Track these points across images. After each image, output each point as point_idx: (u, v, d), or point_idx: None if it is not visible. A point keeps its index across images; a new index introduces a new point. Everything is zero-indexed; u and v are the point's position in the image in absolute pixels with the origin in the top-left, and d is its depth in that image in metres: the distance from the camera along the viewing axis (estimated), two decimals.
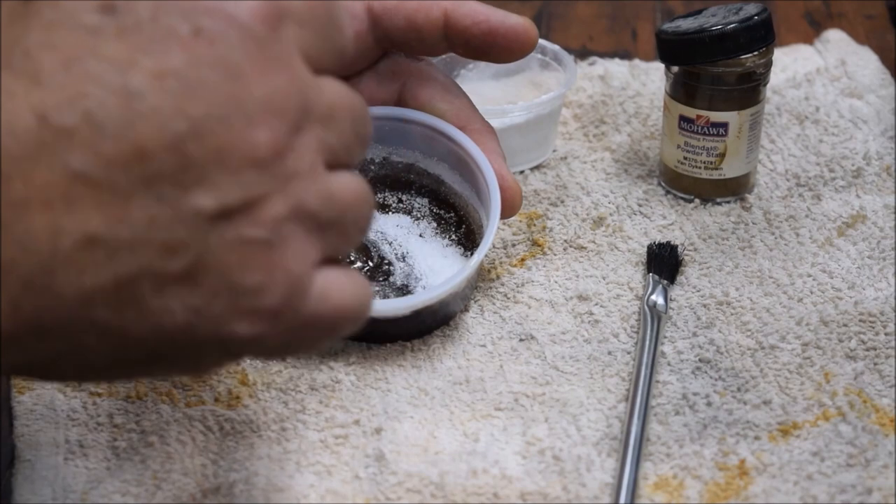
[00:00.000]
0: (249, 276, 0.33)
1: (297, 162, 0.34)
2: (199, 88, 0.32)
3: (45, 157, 0.30)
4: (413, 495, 0.48)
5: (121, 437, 0.51)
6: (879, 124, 0.71)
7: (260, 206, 0.33)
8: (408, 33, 0.53)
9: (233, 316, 0.33)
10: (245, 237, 0.33)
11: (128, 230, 0.31)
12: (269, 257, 0.33)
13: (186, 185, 0.32)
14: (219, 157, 0.32)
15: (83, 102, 0.31)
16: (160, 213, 0.31)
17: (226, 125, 0.32)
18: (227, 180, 0.32)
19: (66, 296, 0.31)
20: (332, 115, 0.35)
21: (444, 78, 0.57)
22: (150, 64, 0.32)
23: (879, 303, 0.57)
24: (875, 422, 0.51)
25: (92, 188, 0.31)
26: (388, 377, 0.54)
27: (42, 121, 0.31)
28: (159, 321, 0.33)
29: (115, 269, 0.31)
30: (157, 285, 0.32)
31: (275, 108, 0.33)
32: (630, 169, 0.68)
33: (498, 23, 0.54)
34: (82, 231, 0.31)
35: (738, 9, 0.63)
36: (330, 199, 0.35)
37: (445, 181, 0.59)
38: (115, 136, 0.31)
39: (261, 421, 0.52)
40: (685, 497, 0.48)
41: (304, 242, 0.34)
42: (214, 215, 0.32)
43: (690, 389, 0.53)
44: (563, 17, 0.87)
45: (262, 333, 0.34)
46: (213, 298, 0.33)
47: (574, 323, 0.57)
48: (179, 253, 0.32)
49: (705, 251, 0.62)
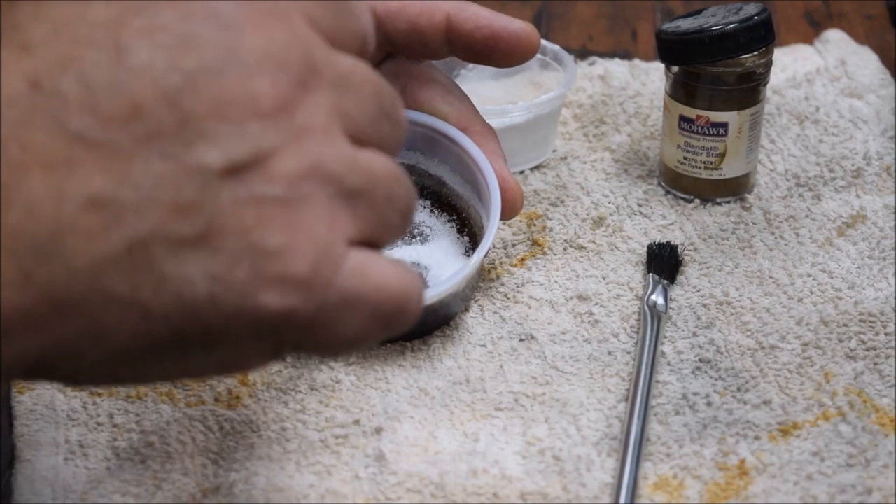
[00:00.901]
0: (270, 237, 0.31)
1: (308, 118, 0.32)
2: (191, 41, 0.31)
3: (41, 120, 0.30)
4: (413, 495, 0.48)
5: (121, 436, 0.51)
6: (879, 124, 0.71)
7: (271, 160, 0.32)
8: (410, 37, 0.53)
9: (258, 283, 0.32)
10: (259, 194, 0.31)
11: (133, 190, 0.30)
12: (290, 217, 0.32)
13: (189, 140, 0.31)
14: (218, 109, 0.31)
15: (75, 64, 0.30)
16: (165, 171, 0.30)
17: (221, 76, 0.31)
18: (231, 133, 0.31)
19: (77, 264, 0.30)
20: (349, 83, 0.34)
21: (445, 79, 0.57)
22: (139, 22, 0.31)
23: (879, 303, 0.57)
24: (875, 422, 0.51)
25: (92, 149, 0.30)
26: (388, 377, 0.54)
27: (35, 86, 0.30)
28: (180, 291, 0.31)
29: (125, 233, 0.30)
30: (171, 250, 0.31)
31: (274, 58, 0.32)
32: (630, 169, 0.68)
33: (500, 28, 0.54)
34: (86, 193, 0.30)
35: (738, 9, 0.63)
36: (354, 164, 0.33)
37: (447, 182, 0.59)
38: (109, 94, 0.30)
39: (261, 421, 0.52)
40: (685, 497, 0.48)
41: (328, 207, 0.33)
42: (223, 171, 0.31)
43: (690, 389, 0.53)
44: (563, 17, 0.87)
45: (295, 307, 0.32)
46: (233, 263, 0.31)
47: (574, 323, 0.57)
48: (191, 213, 0.31)
49: (705, 251, 0.62)
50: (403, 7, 0.53)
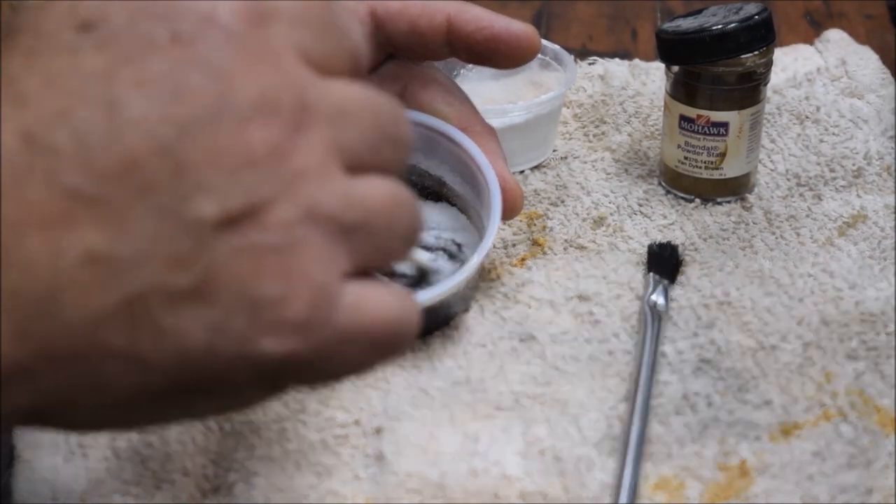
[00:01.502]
0: (266, 286, 0.31)
1: (303, 161, 0.32)
2: (183, 92, 0.31)
3: (37, 176, 0.30)
4: (413, 495, 0.48)
5: (120, 436, 0.51)
6: (880, 124, 0.71)
7: (266, 209, 0.31)
8: (411, 38, 0.53)
9: (256, 331, 0.31)
10: (254, 244, 0.31)
11: (130, 245, 0.30)
12: (285, 264, 0.32)
13: (184, 192, 0.30)
14: (213, 159, 0.31)
15: (68, 119, 0.30)
16: (161, 225, 0.30)
17: (214, 126, 0.31)
18: (225, 184, 0.31)
19: (74, 319, 0.30)
20: (344, 114, 0.34)
21: (445, 80, 0.57)
22: (130, 74, 0.31)
23: (880, 303, 0.57)
24: (876, 422, 0.51)
25: (88, 204, 0.30)
26: (388, 377, 0.54)
27: (29, 141, 0.30)
28: (178, 343, 0.31)
29: (122, 288, 0.30)
30: (168, 302, 0.30)
31: (266, 105, 0.32)
32: (630, 169, 0.68)
33: (501, 29, 0.54)
34: (83, 249, 0.30)
35: (738, 8, 0.62)
36: (350, 200, 0.33)
37: (447, 183, 0.59)
38: (103, 148, 0.30)
39: (261, 421, 0.51)
40: (686, 497, 0.48)
41: (324, 248, 0.32)
42: (218, 222, 0.31)
43: (691, 389, 0.53)
44: (563, 17, 0.87)
45: (294, 350, 0.32)
46: (230, 314, 0.31)
47: (574, 323, 0.57)
48: (187, 266, 0.30)
49: (706, 251, 0.62)
50: (404, 8, 0.53)
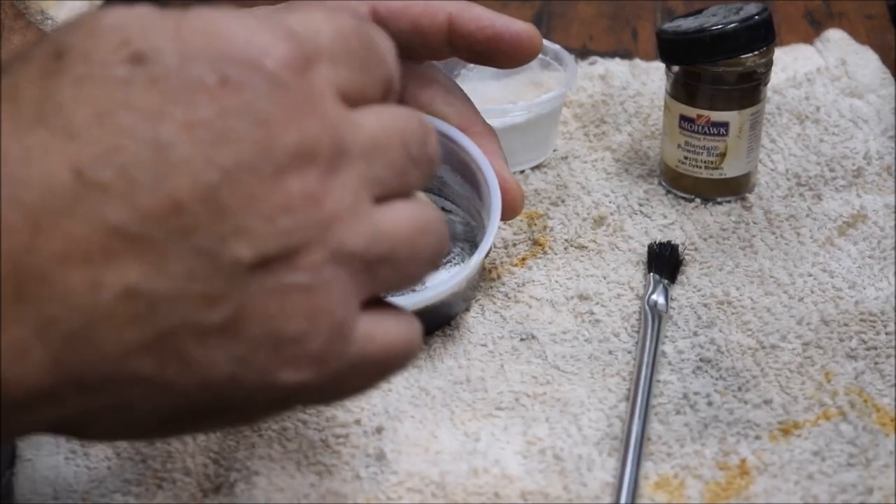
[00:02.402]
0: (292, 324, 0.33)
1: (336, 204, 0.33)
2: (228, 138, 0.32)
3: (83, 211, 0.31)
4: (414, 495, 0.48)
5: None
6: (880, 124, 0.71)
7: (299, 253, 0.33)
8: (412, 37, 0.53)
9: (277, 364, 0.33)
10: (284, 284, 0.33)
11: (167, 283, 0.31)
12: (311, 303, 0.33)
13: (223, 235, 0.32)
14: (252, 205, 0.32)
15: (117, 156, 0.31)
16: (198, 265, 0.31)
17: (256, 173, 0.32)
18: (262, 228, 0.32)
19: (107, 351, 0.31)
20: (376, 147, 0.35)
21: (445, 80, 0.57)
22: (179, 115, 0.32)
23: (880, 302, 0.57)
24: (876, 421, 0.51)
25: (129, 242, 0.31)
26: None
27: (78, 176, 0.31)
28: (204, 373, 0.32)
29: (156, 323, 0.31)
30: (198, 337, 0.32)
31: (305, 153, 0.33)
32: (631, 168, 0.68)
33: (502, 28, 0.54)
34: (122, 285, 0.31)
35: (738, 8, 0.63)
36: (375, 236, 0.34)
37: (448, 183, 0.59)
38: (149, 189, 0.31)
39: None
40: (686, 496, 0.48)
41: (348, 284, 0.34)
42: (253, 265, 0.32)
43: (691, 389, 0.53)
44: (563, 17, 0.87)
45: (309, 380, 0.34)
46: (256, 348, 0.33)
47: (575, 322, 0.57)
48: (219, 304, 0.32)
49: (706, 251, 0.62)
50: (406, 7, 0.53)
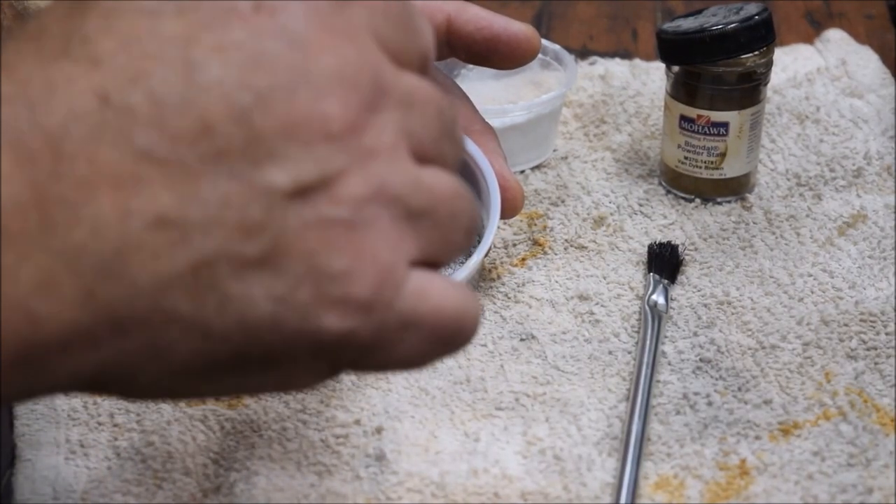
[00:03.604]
0: (334, 260, 0.31)
1: (376, 140, 0.32)
2: (263, 59, 0.31)
3: (110, 136, 0.30)
4: (414, 495, 0.48)
5: (121, 436, 0.51)
6: (880, 124, 0.71)
7: (338, 183, 0.31)
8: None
9: (320, 305, 0.31)
10: (325, 217, 0.31)
11: (200, 210, 0.30)
12: (354, 240, 0.31)
13: (257, 160, 0.30)
14: (288, 129, 0.31)
15: (145, 80, 0.30)
16: (232, 191, 0.30)
17: (292, 96, 0.31)
18: (299, 154, 0.31)
19: (141, 283, 0.30)
20: (413, 102, 0.34)
21: (444, 79, 0.57)
22: (210, 39, 0.31)
23: (880, 302, 0.57)
24: (876, 421, 0.51)
25: (159, 166, 0.30)
26: (388, 377, 0.54)
27: (104, 101, 0.30)
28: (242, 311, 0.31)
29: (190, 252, 0.30)
30: (235, 270, 0.30)
31: (345, 80, 0.32)
32: (631, 168, 0.68)
33: (500, 29, 0.54)
34: (153, 211, 0.30)
35: (738, 8, 0.63)
36: (418, 185, 0.33)
37: None
38: (178, 111, 0.30)
39: (261, 421, 0.52)
40: (686, 497, 0.48)
41: (392, 229, 0.32)
42: (290, 192, 0.31)
43: (691, 389, 0.53)
44: (563, 17, 0.87)
45: (355, 329, 0.32)
46: (297, 285, 0.31)
47: (575, 322, 0.57)
48: (256, 234, 0.30)
49: (706, 251, 0.62)
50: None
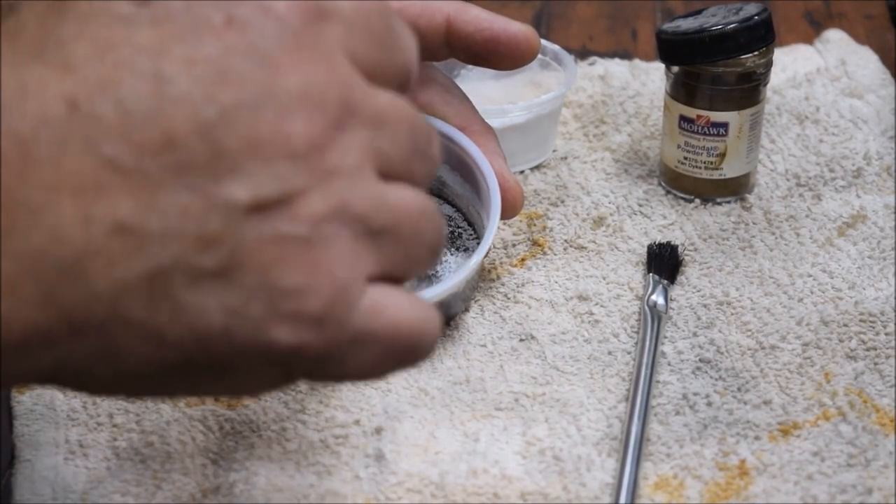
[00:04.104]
0: (288, 276, 0.32)
1: (339, 159, 0.33)
2: (231, 76, 0.31)
3: (76, 143, 0.30)
4: (413, 495, 0.48)
5: (121, 436, 0.51)
6: (880, 124, 0.71)
7: (297, 201, 0.32)
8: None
9: (272, 319, 0.32)
10: (282, 233, 0.32)
11: (159, 220, 0.31)
12: (310, 257, 0.32)
13: (218, 174, 0.31)
14: (251, 146, 0.31)
15: (114, 89, 0.31)
16: (192, 204, 0.31)
17: (257, 113, 0.31)
18: (260, 171, 0.31)
19: (98, 288, 0.30)
20: (384, 121, 0.34)
21: (444, 80, 0.57)
22: (181, 52, 0.31)
23: (880, 303, 0.57)
24: (875, 422, 0.51)
25: (122, 175, 0.30)
26: (388, 377, 0.54)
27: (73, 108, 0.30)
28: (195, 321, 0.31)
29: (147, 261, 0.31)
30: (190, 280, 0.31)
31: (311, 99, 0.32)
32: (630, 169, 0.68)
33: (500, 30, 0.54)
34: (113, 219, 0.30)
35: (738, 9, 0.63)
36: (380, 203, 0.33)
37: (447, 182, 0.59)
38: (145, 122, 0.30)
39: (261, 421, 0.52)
40: (685, 497, 0.48)
41: (350, 247, 0.33)
42: (249, 208, 0.31)
43: (691, 389, 0.53)
44: (563, 17, 0.87)
45: (306, 343, 0.33)
46: (249, 298, 0.32)
47: (574, 323, 0.57)
48: (213, 246, 0.31)
49: (705, 251, 0.62)
50: (403, 8, 0.53)
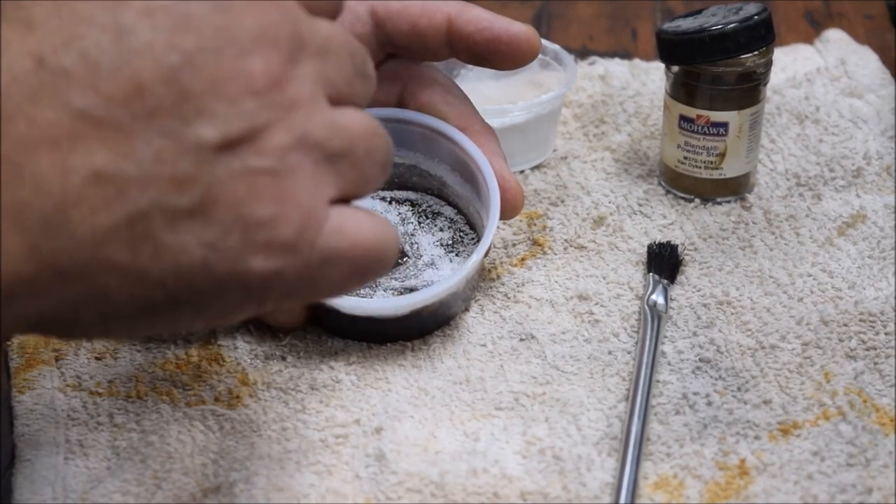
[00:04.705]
0: (260, 208, 0.34)
1: (297, 91, 0.34)
2: (189, 21, 0.33)
3: (47, 97, 0.31)
4: (413, 495, 0.48)
5: (121, 436, 0.51)
6: (879, 124, 0.71)
7: (263, 135, 0.33)
8: (411, 38, 0.54)
9: (248, 250, 0.34)
10: (251, 167, 0.33)
11: (134, 165, 0.32)
12: (279, 188, 0.34)
13: (187, 117, 0.32)
14: (215, 87, 0.33)
15: (78, 43, 0.32)
16: (164, 147, 0.32)
17: (218, 55, 0.33)
18: (226, 110, 0.33)
19: (81, 235, 0.32)
20: (328, 49, 0.36)
21: (444, 80, 0.57)
22: (138, 3, 0.32)
23: (880, 302, 0.57)
24: (875, 421, 0.51)
25: (95, 126, 0.32)
26: (388, 377, 0.54)
27: (39, 63, 0.31)
28: (176, 258, 0.33)
29: (126, 206, 0.32)
30: (169, 220, 0.33)
31: (267, 37, 0.34)
32: (630, 169, 0.68)
33: (501, 30, 0.54)
34: (89, 168, 0.31)
35: (738, 8, 0.63)
36: (335, 128, 0.35)
37: (447, 183, 0.59)
38: (111, 73, 0.32)
39: (261, 420, 0.52)
40: (685, 497, 0.48)
41: (313, 174, 0.35)
42: (218, 146, 0.33)
43: (691, 389, 0.53)
44: (563, 17, 0.87)
45: (280, 269, 0.34)
46: (226, 232, 0.33)
47: (574, 322, 0.57)
48: (187, 186, 0.32)
49: (705, 251, 0.62)
50: (405, 8, 0.53)
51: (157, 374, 0.54)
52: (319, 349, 0.56)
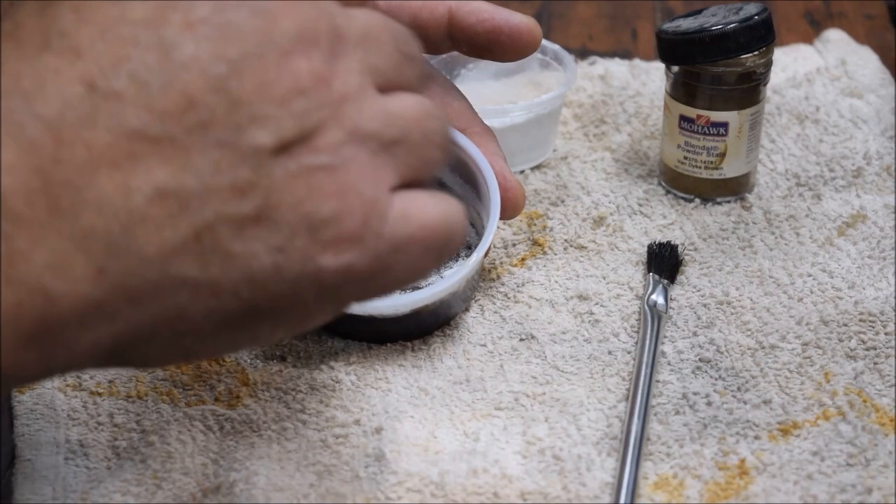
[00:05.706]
0: (322, 205, 0.34)
1: (344, 85, 0.34)
2: (230, 30, 0.33)
3: (102, 120, 0.32)
4: (413, 495, 0.48)
5: (121, 436, 0.51)
6: (879, 124, 0.71)
7: (316, 133, 0.34)
8: (412, 31, 0.54)
9: (316, 248, 0.34)
10: (308, 166, 0.33)
11: (194, 178, 0.32)
12: (338, 183, 0.34)
13: (240, 124, 0.33)
14: (263, 92, 0.33)
15: (125, 64, 0.32)
16: (221, 157, 0.32)
17: (262, 60, 0.33)
18: (277, 113, 0.33)
19: (148, 254, 0.32)
20: (369, 37, 0.36)
21: (443, 81, 0.57)
22: (178, 18, 0.33)
23: (879, 302, 0.57)
24: (875, 421, 0.51)
25: (152, 143, 0.32)
26: (388, 377, 0.54)
27: (91, 88, 0.32)
28: (246, 266, 0.33)
29: (191, 219, 0.32)
30: (234, 229, 0.33)
31: (307, 36, 0.34)
32: (630, 169, 0.68)
33: (502, 21, 0.54)
34: (151, 185, 0.32)
35: (738, 8, 0.63)
36: (388, 116, 0.35)
37: (447, 183, 0.59)
38: (161, 90, 0.32)
39: (261, 420, 0.52)
40: (685, 496, 0.48)
41: (371, 164, 0.35)
42: (273, 149, 0.33)
43: (690, 389, 0.53)
44: (563, 17, 0.87)
45: (351, 263, 0.34)
46: (292, 233, 0.33)
47: (574, 322, 0.57)
48: (249, 193, 0.33)
49: (705, 251, 0.62)
50: (405, 2, 0.53)
51: (157, 374, 0.54)
52: (319, 349, 0.56)
